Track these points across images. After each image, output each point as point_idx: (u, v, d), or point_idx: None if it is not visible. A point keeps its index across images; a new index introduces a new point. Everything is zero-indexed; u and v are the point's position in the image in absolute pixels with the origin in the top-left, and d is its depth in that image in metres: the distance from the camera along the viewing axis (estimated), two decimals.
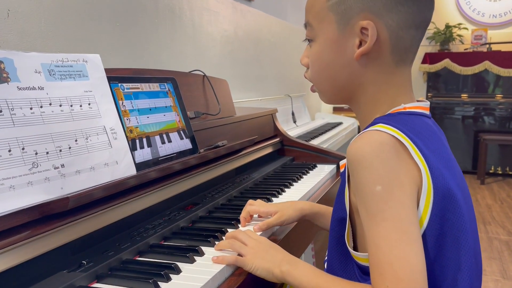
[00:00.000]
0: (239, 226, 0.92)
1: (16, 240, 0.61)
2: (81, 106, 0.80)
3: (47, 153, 0.70)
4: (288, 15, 3.42)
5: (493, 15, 5.06)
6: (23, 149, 0.67)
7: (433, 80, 5.03)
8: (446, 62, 4.82)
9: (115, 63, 1.39)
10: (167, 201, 0.95)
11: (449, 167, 0.61)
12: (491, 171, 4.72)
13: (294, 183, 1.27)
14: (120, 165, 0.83)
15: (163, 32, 1.65)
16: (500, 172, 4.73)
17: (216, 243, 0.80)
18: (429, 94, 5.00)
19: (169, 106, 1.04)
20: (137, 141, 0.91)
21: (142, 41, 1.54)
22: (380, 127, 0.59)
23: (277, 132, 1.64)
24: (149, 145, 0.93)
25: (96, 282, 0.67)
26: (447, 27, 4.95)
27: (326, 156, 1.58)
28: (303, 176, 1.36)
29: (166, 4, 1.67)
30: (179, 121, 1.06)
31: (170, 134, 1.01)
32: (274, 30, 2.88)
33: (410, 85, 0.68)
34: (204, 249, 0.78)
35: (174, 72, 1.18)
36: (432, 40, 5.06)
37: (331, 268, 0.69)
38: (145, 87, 0.99)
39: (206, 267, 0.71)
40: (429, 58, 4.92)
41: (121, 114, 0.89)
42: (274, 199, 1.11)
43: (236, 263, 0.72)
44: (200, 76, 1.31)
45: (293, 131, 2.43)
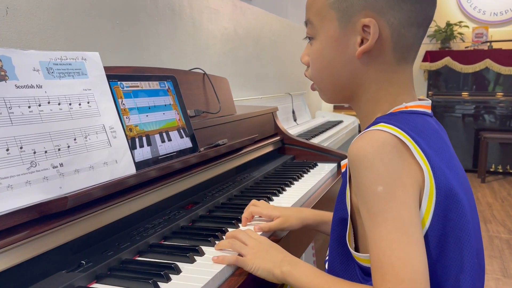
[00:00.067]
0: (240, 226, 0.91)
1: (15, 240, 0.61)
2: (80, 105, 0.79)
3: (46, 152, 0.70)
4: (289, 13, 3.41)
5: (494, 13, 5.05)
6: (21, 148, 0.66)
7: (434, 78, 5.02)
8: (447, 60, 4.81)
9: (115, 61, 1.38)
10: (167, 200, 0.94)
11: (452, 166, 0.60)
12: (492, 170, 4.72)
13: (295, 182, 1.26)
14: (120, 164, 0.82)
15: (163, 30, 1.65)
16: (501, 171, 4.72)
17: (217, 243, 0.79)
18: (430, 92, 5.00)
19: (169, 105, 1.04)
20: (137, 140, 0.90)
21: (142, 39, 1.53)
22: (382, 127, 0.58)
23: (278, 131, 1.63)
24: (149, 144, 0.93)
25: (96, 282, 0.67)
26: (448, 25, 4.94)
27: (327, 155, 1.57)
28: (304, 175, 1.35)
29: (166, 2, 1.66)
30: (179, 120, 1.05)
31: (170, 133, 1.00)
32: (275, 28, 2.87)
33: (412, 84, 0.68)
34: (205, 249, 0.77)
35: (174, 70, 1.17)
36: (433, 38, 5.05)
37: (332, 269, 0.68)
38: (145, 85, 0.98)
39: (207, 267, 0.71)
40: (430, 56, 4.91)
41: (121, 113, 0.88)
42: (275, 198, 1.10)
43: (237, 263, 0.71)
44: (200, 74, 1.31)
45: (294, 130, 2.42)
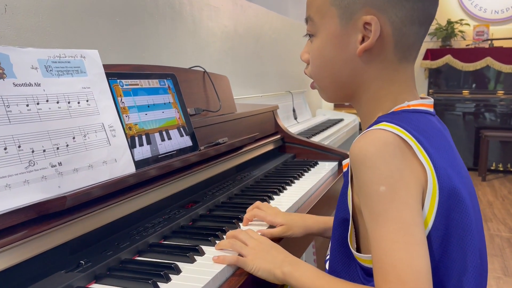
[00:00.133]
0: (240, 225, 0.91)
1: (13, 240, 0.60)
2: (79, 103, 0.78)
3: (44, 151, 0.69)
4: (289, 11, 3.40)
5: (495, 11, 5.04)
6: (19, 147, 0.66)
7: (435, 77, 5.01)
8: (448, 58, 4.80)
9: (114, 59, 1.37)
10: (167, 199, 0.94)
11: (455, 166, 0.60)
12: (493, 168, 4.71)
13: (296, 181, 1.25)
14: (119, 163, 0.82)
15: (163, 28, 1.64)
16: (502, 169, 4.71)
17: (217, 243, 0.78)
18: (431, 91, 4.98)
19: (169, 103, 1.03)
20: (136, 139, 0.89)
21: (142, 37, 1.52)
22: (384, 126, 0.57)
23: (278, 129, 1.62)
24: (149, 143, 0.92)
25: (95, 283, 0.66)
26: (449, 23, 4.92)
27: (328, 153, 1.56)
28: (305, 174, 1.34)
29: (166, 0, 1.65)
30: (179, 118, 1.04)
31: (170, 131, 1.00)
32: (275, 26, 2.86)
33: (414, 82, 0.67)
34: (205, 249, 0.77)
35: (174, 68, 1.17)
36: (434, 36, 5.03)
37: (334, 269, 0.67)
38: (145, 84, 0.98)
39: (207, 267, 0.70)
40: (431, 54, 4.89)
41: (120, 111, 0.87)
42: (276, 197, 1.10)
43: (237, 264, 0.71)
44: (201, 73, 1.30)
45: (294, 128, 2.42)
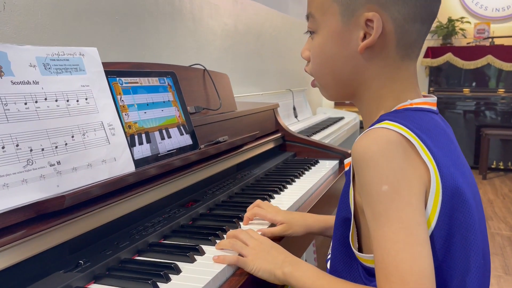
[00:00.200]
0: (241, 224, 0.90)
1: (11, 240, 0.59)
2: (78, 101, 0.78)
3: (43, 150, 0.68)
4: (290, 8, 3.39)
5: (496, 9, 5.02)
6: (17, 146, 0.65)
7: (435, 75, 4.99)
8: (449, 56, 4.78)
9: (114, 57, 1.36)
10: (167, 198, 0.93)
11: (458, 165, 0.59)
12: (493, 166, 4.70)
13: (296, 179, 1.25)
14: (118, 162, 0.81)
15: (163, 26, 1.63)
16: (502, 167, 4.70)
17: (217, 242, 0.78)
18: (431, 89, 4.97)
19: (169, 101, 1.02)
20: (136, 137, 0.89)
21: (141, 35, 1.51)
22: (387, 125, 0.56)
23: (279, 127, 1.62)
24: (148, 141, 0.91)
25: (94, 283, 0.65)
26: (450, 21, 4.91)
27: (328, 152, 1.56)
28: (305, 172, 1.34)
29: None
30: (179, 117, 1.04)
31: (170, 130, 0.99)
32: (275, 24, 2.85)
33: (416, 81, 0.66)
34: (205, 248, 0.76)
35: (174, 66, 1.16)
36: (435, 34, 5.02)
37: (335, 269, 0.67)
38: (144, 82, 0.97)
39: (207, 267, 0.70)
40: (431, 52, 4.88)
41: (120, 109, 0.87)
42: (276, 196, 1.09)
43: (237, 264, 0.70)
44: (201, 70, 1.29)
45: (295, 126, 2.41)
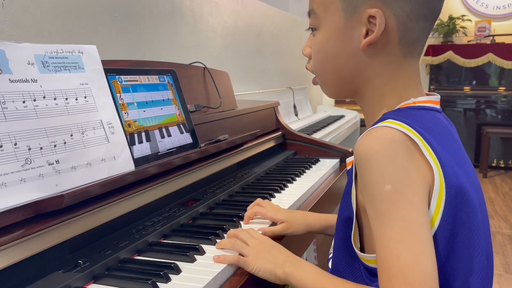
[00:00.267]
0: (241, 223, 0.89)
1: (9, 240, 0.59)
2: (77, 100, 0.77)
3: (41, 149, 0.68)
4: (290, 6, 3.38)
5: (497, 7, 5.01)
6: (16, 145, 0.64)
7: (436, 73, 4.98)
8: (449, 54, 4.77)
9: (113, 55, 1.35)
10: (167, 197, 0.92)
11: (461, 164, 0.58)
12: (494, 165, 4.70)
13: (297, 178, 1.24)
14: (118, 161, 0.80)
15: (163, 24, 1.62)
16: (503, 166, 4.70)
17: (218, 241, 0.77)
18: (432, 87, 4.96)
19: (169, 99, 1.01)
20: (136, 136, 0.88)
21: (141, 33, 1.50)
22: (390, 123, 0.56)
23: (279, 126, 1.61)
24: (148, 140, 0.91)
25: (93, 283, 0.65)
26: (451, 19, 4.89)
27: (329, 150, 1.55)
28: (306, 171, 1.33)
29: None
30: (179, 115, 1.03)
31: (170, 128, 0.98)
32: (276, 22, 2.84)
33: (419, 79, 0.65)
34: (205, 248, 0.76)
35: (174, 64, 1.15)
36: (435, 32, 5.01)
37: (336, 269, 0.66)
38: (144, 80, 0.96)
39: (207, 267, 0.69)
40: (432, 50, 4.87)
41: (119, 108, 0.86)
42: (277, 195, 1.09)
43: (238, 264, 0.70)
44: (201, 69, 1.28)
45: (295, 124, 2.40)
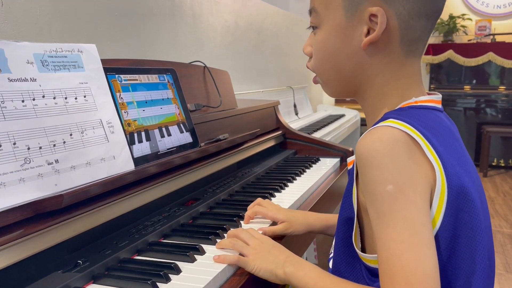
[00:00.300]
0: (241, 223, 0.89)
1: (8, 240, 0.58)
2: (76, 99, 0.77)
3: (40, 148, 0.67)
4: (291, 5, 3.37)
5: (498, 6, 5.00)
6: (15, 144, 0.64)
7: (436, 72, 4.98)
8: (450, 54, 4.76)
9: (113, 54, 1.35)
10: (167, 197, 0.92)
11: (463, 164, 0.58)
12: (494, 164, 4.69)
13: (297, 177, 1.24)
14: (118, 160, 0.80)
15: (162, 22, 1.61)
16: (503, 165, 4.69)
17: (218, 241, 0.77)
18: (432, 86, 4.96)
19: (169, 99, 1.01)
20: (135, 135, 0.87)
21: (141, 31, 1.50)
22: (392, 123, 0.55)
23: (279, 125, 1.60)
24: (148, 139, 0.90)
25: (92, 283, 0.65)
26: (451, 18, 4.89)
27: (329, 149, 1.55)
28: (306, 170, 1.33)
29: None
30: (179, 114, 1.02)
31: (170, 128, 0.98)
32: (276, 21, 2.84)
33: (420, 78, 0.65)
34: (205, 247, 0.75)
35: (174, 63, 1.14)
36: (436, 31, 5.00)
37: (337, 269, 0.66)
38: (144, 79, 0.96)
39: (207, 267, 0.69)
40: (432, 49, 4.86)
41: (119, 107, 0.86)
42: (277, 194, 1.08)
43: (238, 264, 0.69)
44: (201, 67, 1.28)
45: (295, 124, 2.40)
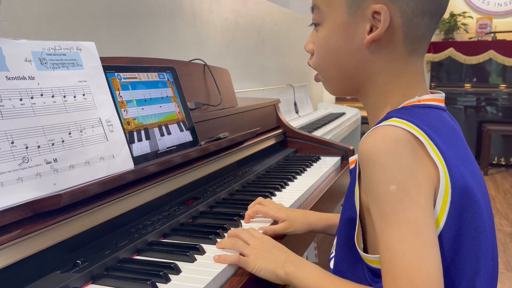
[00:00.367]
0: (242, 222, 0.88)
1: (6, 240, 0.58)
2: (75, 97, 0.76)
3: (39, 147, 0.67)
4: (291, 3, 3.36)
5: (498, 4, 4.98)
6: (13, 143, 0.63)
7: (437, 70, 4.97)
8: (450, 51, 4.75)
9: (112, 52, 1.34)
10: (167, 196, 0.91)
11: (467, 163, 0.57)
12: (495, 162, 4.69)
13: (298, 176, 1.23)
14: (117, 159, 0.79)
15: (162, 20, 1.60)
16: (504, 163, 4.69)
17: (218, 241, 0.76)
18: (432, 84, 4.95)
19: (169, 97, 1.00)
20: (135, 134, 0.87)
21: (140, 29, 1.49)
22: (395, 122, 0.54)
23: (280, 123, 1.60)
24: (148, 138, 0.90)
25: (91, 283, 0.64)
26: (452, 16, 4.87)
27: (330, 148, 1.54)
28: (307, 169, 1.32)
29: None
30: (179, 113, 1.02)
31: (170, 126, 0.97)
32: (276, 19, 2.82)
33: (423, 77, 0.64)
34: (205, 247, 0.75)
35: (174, 61, 1.14)
36: (436, 29, 4.98)
37: (339, 270, 0.65)
38: (143, 77, 0.95)
39: (207, 267, 0.68)
40: (433, 47, 4.85)
41: (118, 105, 0.85)
42: (278, 193, 1.08)
43: (238, 264, 0.69)
44: (201, 66, 1.27)
45: (296, 122, 2.39)
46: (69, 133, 0.72)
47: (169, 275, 0.64)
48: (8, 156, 0.62)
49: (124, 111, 0.86)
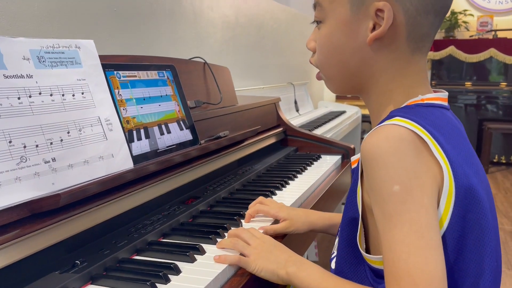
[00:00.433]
0: (242, 221, 0.88)
1: (4, 240, 0.57)
2: (74, 96, 0.75)
3: (37, 146, 0.66)
4: (291, 1, 3.35)
5: (499, 2, 4.97)
6: (10, 142, 0.62)
7: (437, 68, 4.96)
8: (451, 49, 4.74)
9: (111, 50, 1.33)
10: (166, 195, 0.91)
11: (471, 163, 0.56)
12: (495, 160, 4.68)
13: (298, 175, 1.22)
14: (116, 158, 0.78)
15: (162, 18, 1.59)
16: (504, 161, 4.68)
17: (218, 241, 0.76)
18: (433, 82, 4.94)
19: (168, 95, 0.99)
20: (134, 133, 0.86)
21: (140, 27, 1.48)
22: (398, 121, 0.54)
23: (280, 122, 1.59)
24: (147, 137, 0.89)
25: (91, 284, 0.63)
26: (453, 14, 4.87)
27: (330, 147, 1.53)
28: (307, 168, 1.31)
29: None
30: (179, 111, 1.01)
31: (169, 125, 0.96)
32: (277, 16, 2.81)
33: (426, 75, 0.64)
34: (205, 247, 0.74)
35: (173, 59, 1.13)
36: None
37: (341, 270, 0.64)
38: (143, 75, 0.94)
39: (207, 267, 0.68)
40: (434, 45, 4.83)
41: (117, 104, 0.84)
42: (278, 192, 1.07)
43: (239, 264, 0.68)
44: (201, 64, 1.26)
45: (296, 120, 2.38)
46: (68, 132, 0.71)
47: (169, 276, 0.64)
48: (6, 156, 0.61)
49: (124, 110, 0.85)
